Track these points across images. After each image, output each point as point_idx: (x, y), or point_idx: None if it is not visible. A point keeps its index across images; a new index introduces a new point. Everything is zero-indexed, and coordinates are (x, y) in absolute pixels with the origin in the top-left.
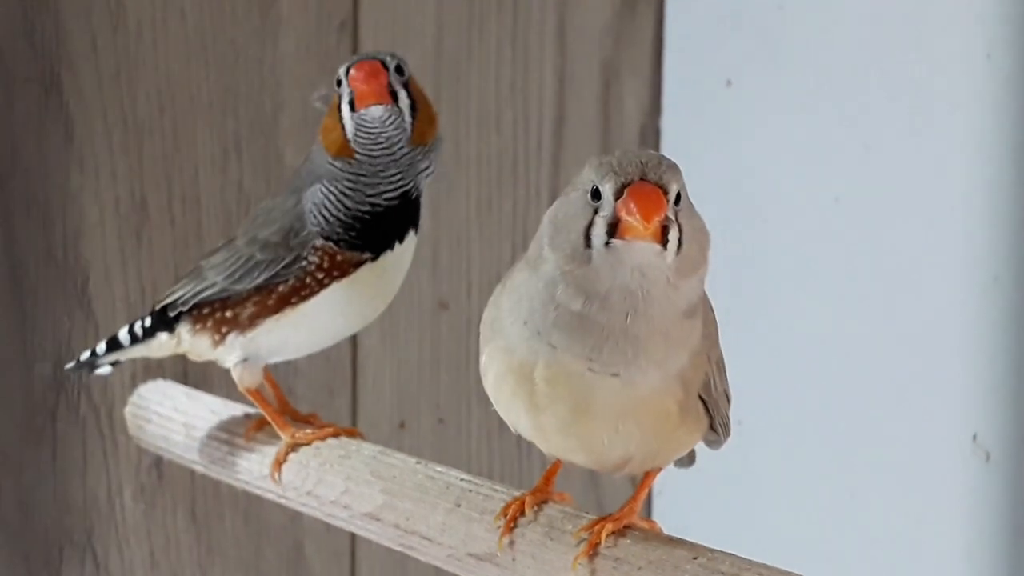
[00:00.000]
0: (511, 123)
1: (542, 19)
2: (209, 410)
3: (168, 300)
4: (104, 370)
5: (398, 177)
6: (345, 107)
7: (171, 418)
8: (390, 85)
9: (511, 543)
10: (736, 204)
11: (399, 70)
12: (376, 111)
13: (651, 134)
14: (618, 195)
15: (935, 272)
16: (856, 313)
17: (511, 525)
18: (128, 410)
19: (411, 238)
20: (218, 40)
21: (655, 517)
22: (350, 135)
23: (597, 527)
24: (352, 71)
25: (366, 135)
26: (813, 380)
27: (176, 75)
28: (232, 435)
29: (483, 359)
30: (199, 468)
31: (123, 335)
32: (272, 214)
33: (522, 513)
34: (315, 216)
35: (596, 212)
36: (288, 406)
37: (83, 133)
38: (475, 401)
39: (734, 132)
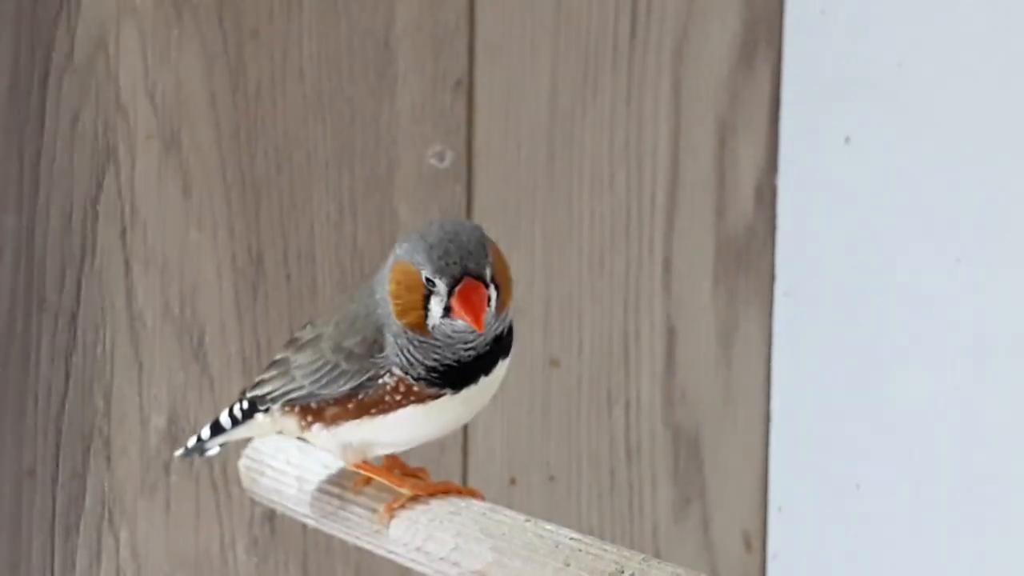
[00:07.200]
0: (624, 181)
1: (657, 77)
2: (321, 464)
3: (258, 392)
4: (213, 451)
5: (474, 339)
6: (437, 307)
7: (284, 471)
8: (488, 299)
9: None
10: (855, 263)
11: (492, 276)
12: (465, 324)
13: (767, 192)
14: None
15: None
16: (978, 377)
17: None
18: (242, 463)
19: (501, 366)
20: (335, 99)
21: None
22: (431, 326)
23: None
24: (458, 292)
25: (450, 335)
26: (934, 444)
27: (293, 133)
28: (343, 489)
29: None
30: (310, 522)
31: (224, 419)
32: (356, 324)
33: None
34: (395, 356)
35: None
36: (398, 460)
37: (201, 190)
38: (586, 459)
39: (852, 190)
